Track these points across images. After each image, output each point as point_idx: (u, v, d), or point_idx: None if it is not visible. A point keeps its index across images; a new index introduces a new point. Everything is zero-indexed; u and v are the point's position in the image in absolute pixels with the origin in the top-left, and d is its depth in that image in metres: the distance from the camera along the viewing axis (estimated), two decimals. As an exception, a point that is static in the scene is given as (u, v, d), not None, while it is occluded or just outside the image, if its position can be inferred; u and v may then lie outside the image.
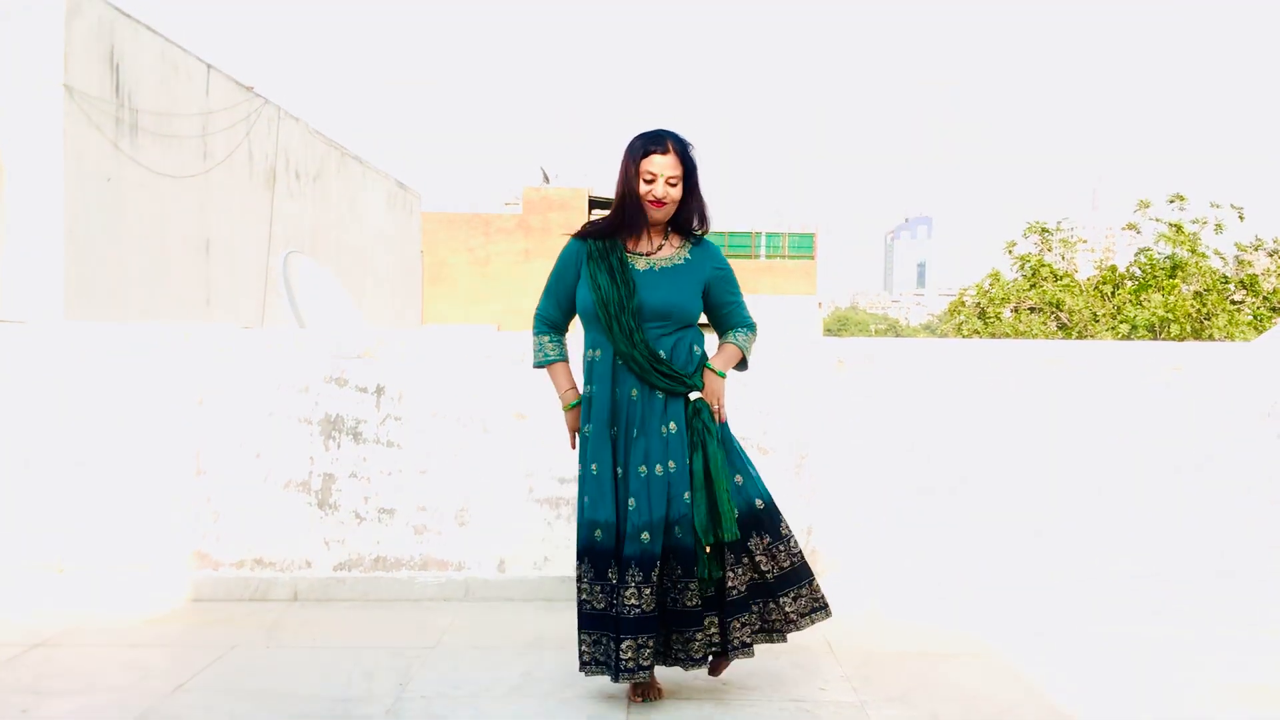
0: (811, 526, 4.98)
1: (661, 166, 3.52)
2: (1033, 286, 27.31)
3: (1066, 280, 27.30)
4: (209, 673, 3.86)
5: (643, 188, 3.54)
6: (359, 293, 20.96)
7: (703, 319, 3.66)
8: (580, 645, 3.51)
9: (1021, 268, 28.02)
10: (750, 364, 3.77)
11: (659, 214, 3.56)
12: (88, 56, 12.72)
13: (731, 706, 3.56)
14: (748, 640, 3.52)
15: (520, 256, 39.89)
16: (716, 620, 3.52)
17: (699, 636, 3.46)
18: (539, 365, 3.71)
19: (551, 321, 3.70)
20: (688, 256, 3.62)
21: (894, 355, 5.15)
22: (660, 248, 3.62)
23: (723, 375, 3.59)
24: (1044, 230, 28.18)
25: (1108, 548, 4.97)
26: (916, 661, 4.05)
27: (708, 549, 3.44)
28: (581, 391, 3.63)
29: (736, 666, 3.84)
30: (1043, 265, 27.54)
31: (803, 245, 43.12)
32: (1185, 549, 4.99)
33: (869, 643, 4.28)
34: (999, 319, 27.70)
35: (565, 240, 3.72)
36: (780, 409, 5.00)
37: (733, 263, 4.02)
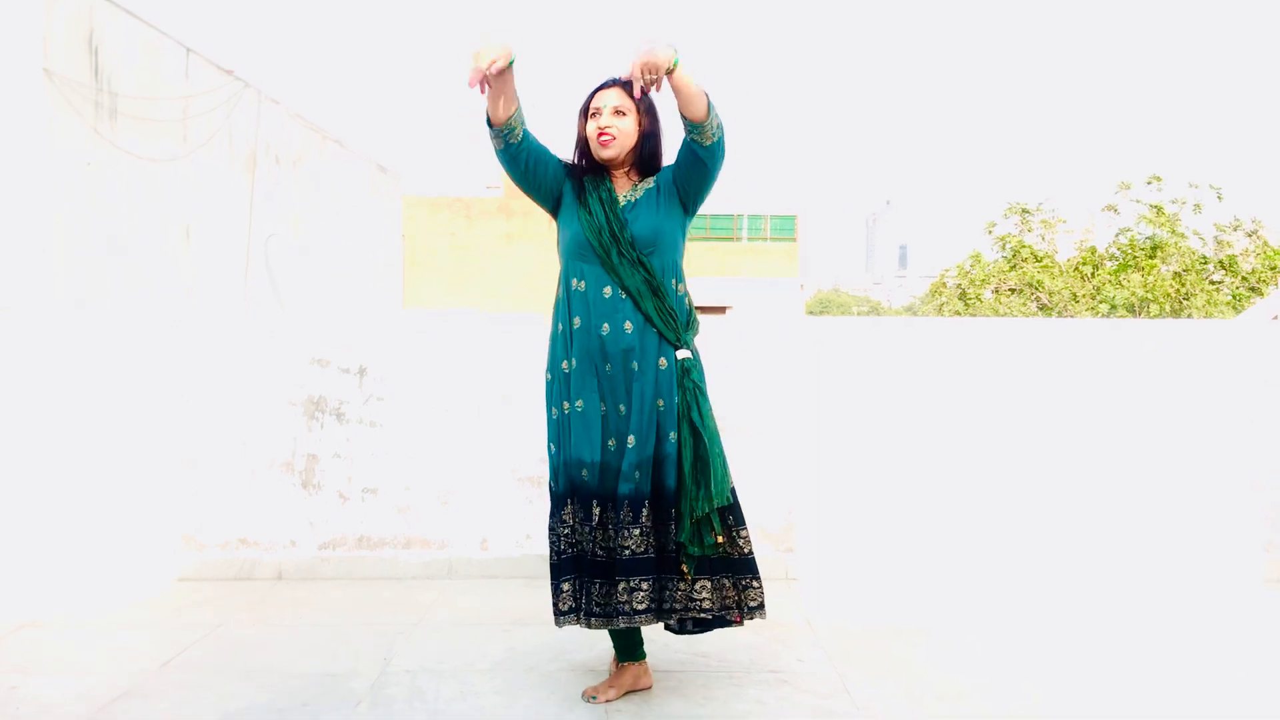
0: (791, 506, 5.04)
1: (606, 99, 3.39)
2: (1013, 268, 27.45)
3: (1046, 261, 27.45)
4: (195, 651, 3.90)
5: (589, 126, 3.41)
6: (339, 277, 20.94)
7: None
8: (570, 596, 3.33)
9: (1002, 249, 28.16)
10: (710, 110, 3.27)
11: (608, 152, 3.39)
12: (67, 40, 12.66)
13: (712, 676, 3.62)
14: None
15: (502, 240, 39.81)
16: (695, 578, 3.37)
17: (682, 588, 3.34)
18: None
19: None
20: (653, 183, 3.45)
21: (876, 337, 5.20)
22: (634, 187, 3.46)
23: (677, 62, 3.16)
24: (1024, 211, 28.32)
25: (1094, 534, 5.04)
26: (894, 639, 4.10)
27: (695, 517, 3.28)
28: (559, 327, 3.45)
29: (716, 638, 3.92)
30: (1023, 246, 27.68)
31: (784, 228, 43.14)
32: (1172, 536, 5.06)
33: (848, 621, 4.33)
34: (980, 300, 27.85)
35: (548, 227, 3.60)
36: (761, 391, 5.04)
37: (715, 245, 4.01)
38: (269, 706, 3.36)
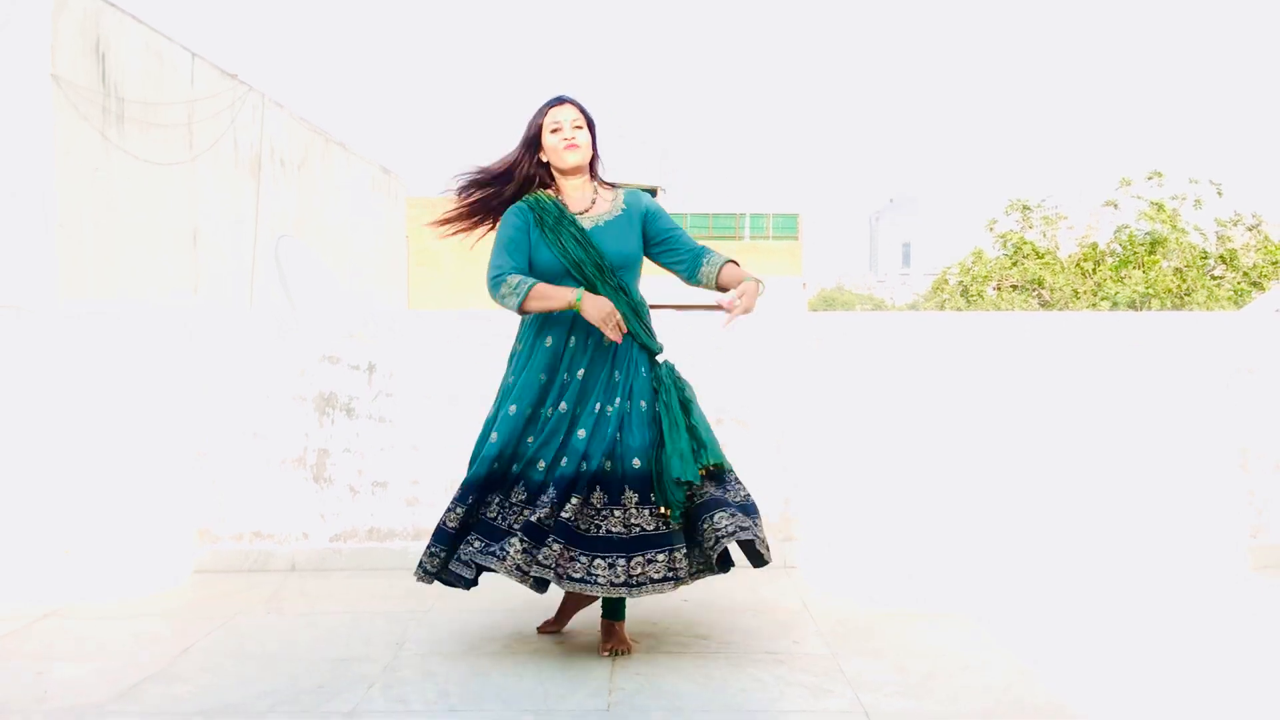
0: (789, 497, 5.18)
1: (564, 114, 3.76)
2: (1014, 264, 27.57)
3: (1048, 258, 27.58)
4: (213, 638, 4.04)
5: (552, 139, 3.75)
6: (344, 279, 21.10)
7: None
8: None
9: (1004, 246, 28.29)
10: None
11: (574, 157, 3.75)
12: (75, 47, 12.83)
13: (709, 656, 3.76)
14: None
15: (506, 241, 39.85)
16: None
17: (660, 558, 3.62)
18: (525, 292, 3.57)
19: (518, 268, 3.69)
20: (623, 206, 3.84)
21: (871, 330, 5.34)
22: (594, 203, 3.82)
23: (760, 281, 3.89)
24: (1025, 208, 28.44)
25: (1086, 521, 5.15)
26: (888, 622, 4.23)
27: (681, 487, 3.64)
28: (524, 344, 3.79)
29: (716, 622, 4.07)
30: (1024, 243, 27.81)
31: (787, 226, 43.23)
32: (1163, 524, 5.18)
33: (844, 607, 4.46)
34: (982, 297, 27.99)
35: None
36: (760, 385, 5.18)
37: (717, 243, 4.28)
38: (286, 688, 3.50)
